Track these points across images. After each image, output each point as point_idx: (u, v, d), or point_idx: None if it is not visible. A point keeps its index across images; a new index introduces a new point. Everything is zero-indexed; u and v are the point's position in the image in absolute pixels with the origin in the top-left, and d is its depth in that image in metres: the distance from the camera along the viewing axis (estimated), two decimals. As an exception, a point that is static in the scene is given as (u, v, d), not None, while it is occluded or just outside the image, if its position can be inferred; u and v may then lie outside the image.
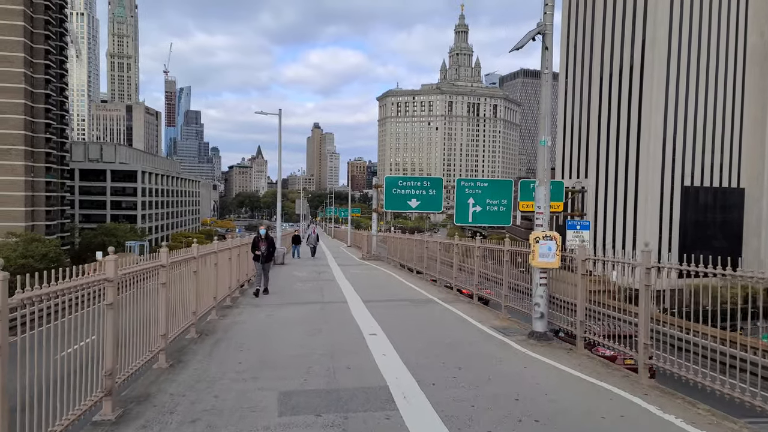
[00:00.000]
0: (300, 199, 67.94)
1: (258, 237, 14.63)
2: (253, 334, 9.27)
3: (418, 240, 21.53)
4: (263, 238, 14.43)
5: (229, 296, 12.97)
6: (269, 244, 14.51)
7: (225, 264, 12.38)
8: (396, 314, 11.38)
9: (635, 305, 6.79)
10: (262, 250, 14.21)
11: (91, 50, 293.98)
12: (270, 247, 14.49)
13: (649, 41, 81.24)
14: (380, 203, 31.32)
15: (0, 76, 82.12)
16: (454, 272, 15.14)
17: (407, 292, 15.56)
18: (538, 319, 8.76)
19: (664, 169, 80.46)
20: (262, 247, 14.25)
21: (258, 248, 14.28)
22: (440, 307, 12.38)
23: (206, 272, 10.16)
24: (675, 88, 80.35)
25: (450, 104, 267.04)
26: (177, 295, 7.90)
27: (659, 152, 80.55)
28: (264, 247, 14.26)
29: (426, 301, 13.53)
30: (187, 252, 8.84)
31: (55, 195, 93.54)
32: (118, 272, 5.30)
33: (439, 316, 11.13)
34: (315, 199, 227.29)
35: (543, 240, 8.40)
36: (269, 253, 14.46)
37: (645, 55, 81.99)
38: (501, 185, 32.96)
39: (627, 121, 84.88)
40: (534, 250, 8.45)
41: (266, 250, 14.26)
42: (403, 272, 22.55)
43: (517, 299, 10.87)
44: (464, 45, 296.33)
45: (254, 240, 14.78)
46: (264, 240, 14.42)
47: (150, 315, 6.71)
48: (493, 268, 12.56)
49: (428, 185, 31.72)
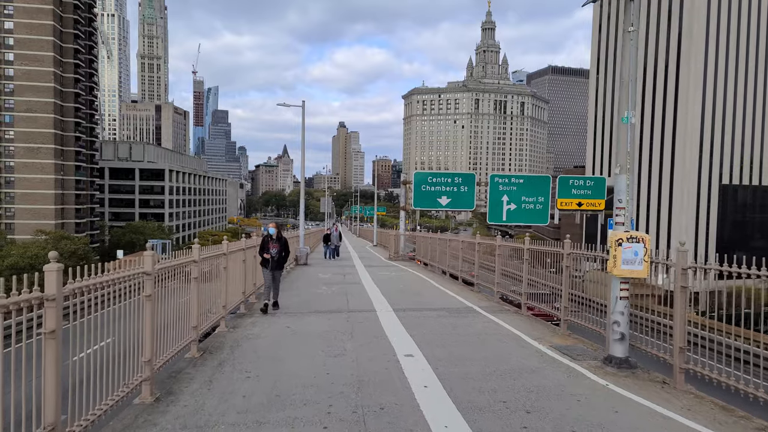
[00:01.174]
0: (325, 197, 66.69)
1: (267, 237, 11.45)
2: (265, 354, 7.71)
3: (452, 240, 19.75)
4: (273, 239, 11.38)
5: (243, 302, 11.51)
6: (282, 246, 11.43)
7: (237, 267, 10.90)
8: (433, 328, 9.69)
9: None
10: (273, 253, 11.23)
11: (122, 51, 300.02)
12: (282, 250, 11.44)
13: (685, 35, 78.06)
14: (408, 201, 29.66)
15: (30, 75, 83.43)
16: (496, 277, 13.36)
17: (442, 298, 13.85)
18: (617, 342, 6.97)
19: (701, 167, 77.53)
20: (272, 249, 11.26)
21: (267, 251, 11.30)
22: (484, 319, 10.65)
23: (209, 281, 8.68)
24: (713, 84, 77.13)
25: (476, 102, 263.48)
26: (167, 314, 6.39)
27: (696, 149, 77.37)
28: (275, 250, 11.28)
29: (466, 310, 11.81)
30: (187, 257, 7.36)
31: (84, 193, 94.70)
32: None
33: (485, 331, 9.40)
34: (340, 198, 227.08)
35: (627, 242, 6.61)
36: (281, 258, 11.44)
37: (681, 50, 78.83)
38: (538, 181, 30.86)
39: (662, 118, 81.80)
40: (615, 256, 6.67)
41: (277, 254, 11.32)
42: (435, 275, 20.85)
43: (578, 313, 9.08)
44: (491, 42, 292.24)
45: (263, 240, 11.58)
46: (275, 241, 11.38)
47: (131, 340, 5.22)
48: (546, 275, 10.77)
49: (459, 181, 29.85)
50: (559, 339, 8.82)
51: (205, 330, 8.23)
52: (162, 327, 6.29)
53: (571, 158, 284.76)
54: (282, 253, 11.48)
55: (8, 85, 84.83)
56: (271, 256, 11.23)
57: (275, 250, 11.30)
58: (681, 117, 78.73)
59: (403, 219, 30.36)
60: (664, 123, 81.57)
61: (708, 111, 77.24)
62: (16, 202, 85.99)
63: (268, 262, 11.30)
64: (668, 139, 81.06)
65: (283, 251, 11.51)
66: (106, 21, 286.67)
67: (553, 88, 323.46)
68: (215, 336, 8.91)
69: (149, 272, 5.56)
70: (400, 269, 23.13)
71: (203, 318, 8.25)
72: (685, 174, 77.10)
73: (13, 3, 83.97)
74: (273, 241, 11.37)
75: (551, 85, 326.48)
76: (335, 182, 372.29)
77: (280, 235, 11.61)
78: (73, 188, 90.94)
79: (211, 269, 9.06)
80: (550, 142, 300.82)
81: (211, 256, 8.79)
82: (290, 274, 20.36)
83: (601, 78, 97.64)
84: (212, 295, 8.93)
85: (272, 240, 11.37)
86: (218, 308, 9.36)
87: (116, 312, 4.89)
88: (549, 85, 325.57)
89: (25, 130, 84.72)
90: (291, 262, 23.00)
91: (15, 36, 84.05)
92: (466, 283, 17.39)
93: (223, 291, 9.57)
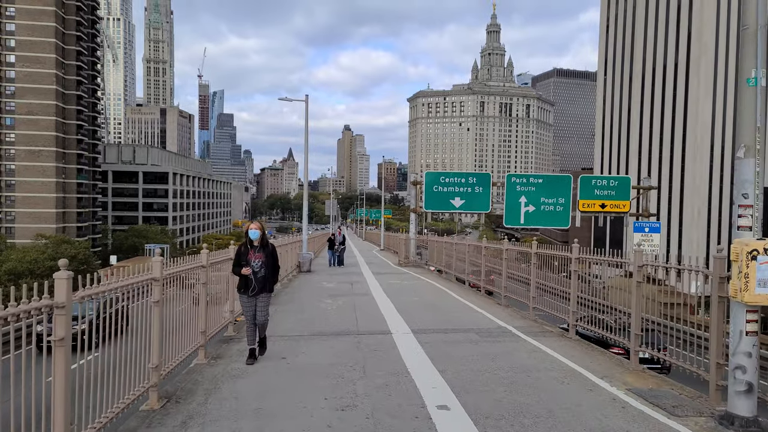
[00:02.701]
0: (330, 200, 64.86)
1: (246, 245, 7.54)
2: (248, 405, 5.73)
3: (471, 245, 17.70)
4: (255, 246, 7.51)
5: (232, 323, 9.56)
6: (268, 257, 7.57)
7: (222, 281, 8.95)
8: (466, 359, 7.70)
9: None
10: (254, 267, 7.41)
11: (127, 55, 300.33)
12: (267, 265, 7.53)
13: (695, 37, 76.58)
14: (419, 202, 27.70)
15: (31, 77, 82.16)
16: (531, 291, 11.35)
17: (468, 315, 11.84)
18: (742, 395, 4.94)
19: (712, 166, 75.63)
20: (253, 261, 7.42)
21: (247, 264, 7.43)
22: (526, 346, 8.63)
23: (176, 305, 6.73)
24: (723, 83, 75.38)
25: (482, 104, 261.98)
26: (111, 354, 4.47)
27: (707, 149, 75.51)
28: (258, 263, 7.44)
29: (499, 331, 9.79)
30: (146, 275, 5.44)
31: (86, 196, 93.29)
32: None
33: (534, 365, 7.39)
34: (345, 201, 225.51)
35: (765, 255, 4.60)
36: (267, 276, 7.54)
37: (691, 49, 77.13)
38: (557, 182, 28.78)
39: (672, 118, 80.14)
40: (747, 274, 4.65)
41: (261, 269, 7.47)
42: (451, 283, 18.85)
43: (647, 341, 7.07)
44: (496, 44, 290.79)
45: (239, 250, 7.63)
46: (258, 249, 7.50)
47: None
48: (597, 291, 8.78)
49: (474, 182, 27.85)
50: (634, 378, 6.80)
51: (170, 367, 6.28)
52: (98, 375, 4.40)
53: (577, 161, 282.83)
54: (268, 268, 7.55)
55: (9, 87, 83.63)
56: (253, 272, 7.38)
57: (258, 263, 7.45)
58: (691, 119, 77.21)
59: (413, 222, 28.35)
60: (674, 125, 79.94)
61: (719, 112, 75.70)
62: (17, 205, 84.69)
63: (248, 282, 7.45)
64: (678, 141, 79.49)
65: (270, 265, 7.58)
66: (112, 25, 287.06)
67: (558, 91, 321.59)
68: (190, 372, 6.95)
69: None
70: (412, 277, 21.13)
71: (171, 353, 6.32)
72: (695, 175, 75.43)
73: (14, 5, 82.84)
74: (255, 249, 7.50)
75: (556, 87, 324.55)
76: (340, 185, 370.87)
77: (265, 241, 7.64)
78: (74, 191, 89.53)
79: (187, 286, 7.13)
80: (556, 145, 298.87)
81: (184, 269, 6.85)
82: (291, 283, 18.42)
83: (609, 79, 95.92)
84: (185, 320, 6.99)
85: (253, 248, 7.50)
86: (195, 335, 7.42)
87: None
88: (554, 87, 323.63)
89: (26, 132, 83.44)
90: (293, 270, 21.05)
91: (16, 38, 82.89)
92: (488, 293, 15.41)
93: (202, 313, 7.63)
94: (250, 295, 7.52)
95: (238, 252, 7.66)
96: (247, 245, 7.57)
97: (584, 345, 8.73)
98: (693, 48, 77.24)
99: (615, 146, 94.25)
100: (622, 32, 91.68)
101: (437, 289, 17.03)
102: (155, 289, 5.64)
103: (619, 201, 28.39)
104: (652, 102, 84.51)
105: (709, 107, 75.62)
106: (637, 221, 28.65)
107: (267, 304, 7.72)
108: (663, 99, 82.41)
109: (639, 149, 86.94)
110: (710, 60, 75.62)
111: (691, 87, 77.16)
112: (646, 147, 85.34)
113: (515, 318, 11.30)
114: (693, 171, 76.03)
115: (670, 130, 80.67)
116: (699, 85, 75.87)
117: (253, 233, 7.56)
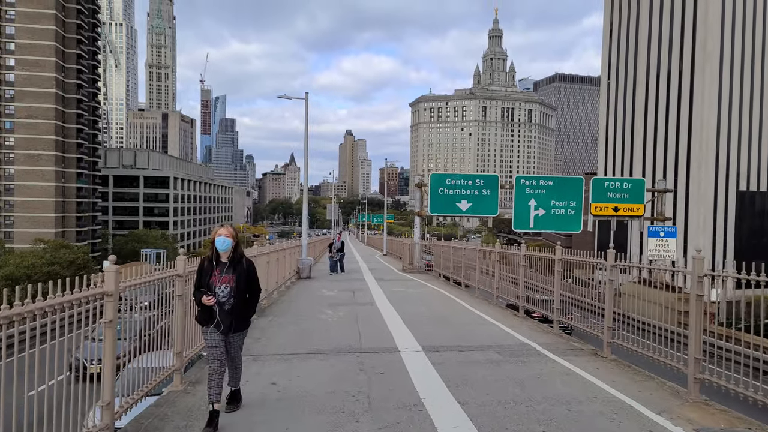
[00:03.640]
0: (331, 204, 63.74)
1: (209, 258, 5.27)
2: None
3: (483, 250, 16.48)
4: (225, 264, 5.24)
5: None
6: (240, 277, 5.23)
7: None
8: (490, 386, 6.51)
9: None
10: (219, 295, 5.15)
11: (130, 60, 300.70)
12: (238, 293, 5.21)
13: (699, 41, 75.93)
14: (424, 206, 26.54)
15: (31, 81, 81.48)
16: (555, 302, 10.13)
17: (483, 328, 10.65)
18: None
19: (718, 173, 74.66)
20: (218, 287, 5.15)
21: (209, 289, 5.15)
22: (557, 368, 7.43)
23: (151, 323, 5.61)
24: (728, 89, 74.59)
25: (484, 109, 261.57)
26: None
27: (712, 155, 74.65)
28: (226, 290, 5.16)
29: (522, 349, 8.59)
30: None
31: (86, 201, 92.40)
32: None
33: (572, 395, 6.19)
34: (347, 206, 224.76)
35: None
36: (240, 305, 5.27)
37: (696, 56, 76.54)
38: (569, 184, 27.55)
39: (676, 124, 79.29)
40: None
41: (232, 300, 5.20)
42: (460, 291, 17.66)
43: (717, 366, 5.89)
44: (498, 49, 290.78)
45: (200, 265, 5.33)
46: (226, 268, 5.23)
47: None
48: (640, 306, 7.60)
49: (481, 184, 26.64)
50: (699, 413, 5.59)
51: (130, 404, 5.10)
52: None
53: (579, 166, 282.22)
54: (239, 296, 5.21)
55: (9, 91, 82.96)
56: (218, 302, 5.11)
57: (225, 289, 5.12)
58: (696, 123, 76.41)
59: (418, 226, 27.17)
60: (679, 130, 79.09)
61: (724, 117, 75.08)
62: (16, 210, 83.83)
63: (212, 314, 5.14)
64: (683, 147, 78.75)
65: (242, 290, 5.21)
66: (115, 30, 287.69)
67: (560, 96, 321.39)
68: (158, 404, 5.76)
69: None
70: (418, 284, 19.93)
71: (132, 385, 5.14)
72: (701, 181, 74.57)
73: (14, 8, 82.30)
74: (222, 267, 5.18)
75: (558, 92, 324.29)
76: (342, 190, 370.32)
77: (238, 256, 5.26)
78: (74, 196, 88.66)
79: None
80: (558, 150, 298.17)
81: (153, 280, 5.70)
82: (290, 290, 17.26)
83: (613, 83, 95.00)
84: (155, 341, 5.83)
85: (220, 265, 5.19)
86: (167, 358, 6.25)
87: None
88: (556, 92, 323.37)
89: (25, 136, 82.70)
90: (292, 276, 19.87)
91: (16, 41, 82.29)
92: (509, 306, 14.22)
93: (179, 332, 6.45)
94: (217, 329, 5.15)
95: (200, 268, 5.25)
96: (212, 260, 5.18)
97: (624, 367, 7.54)
98: (698, 52, 76.53)
99: (619, 151, 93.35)
100: (626, 36, 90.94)
101: (446, 297, 15.84)
102: (108, 307, 4.62)
103: (633, 204, 27.21)
104: (657, 107, 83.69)
105: (714, 113, 74.90)
106: (651, 225, 27.42)
107: (240, 345, 5.44)
108: (667, 104, 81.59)
109: (643, 154, 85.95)
110: (716, 65, 75.01)
111: (696, 92, 76.37)
112: (651, 152, 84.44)
113: (537, 332, 10.10)
114: (698, 177, 75.15)
115: (675, 135, 79.95)
116: (704, 90, 75.09)
117: (221, 242, 5.11)
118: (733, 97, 75.35)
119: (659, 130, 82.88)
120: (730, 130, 75.39)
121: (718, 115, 75.29)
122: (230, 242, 5.23)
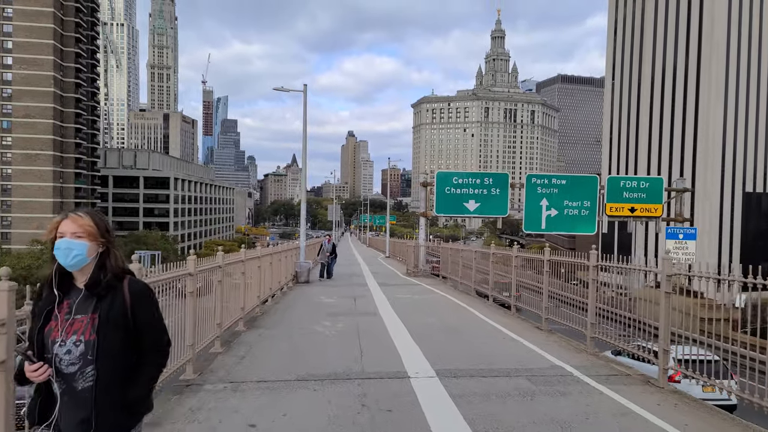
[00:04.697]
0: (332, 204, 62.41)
1: (50, 285, 2.32)
2: None
3: (496, 254, 15.04)
4: (79, 293, 2.32)
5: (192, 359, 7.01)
6: (110, 324, 2.28)
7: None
8: (527, 431, 5.11)
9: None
10: (61, 361, 2.24)
11: (131, 60, 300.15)
12: (104, 353, 2.24)
13: (705, 41, 74.63)
14: (430, 206, 25.16)
15: (28, 80, 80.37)
16: (589, 316, 8.74)
17: (505, 346, 9.26)
18: None
19: (724, 174, 73.33)
20: (58, 345, 2.25)
21: (35, 351, 2.28)
22: (607, 403, 6.03)
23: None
24: (735, 91, 73.25)
25: (486, 110, 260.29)
26: None
27: (718, 157, 73.33)
28: (76, 350, 2.24)
29: (556, 375, 7.19)
30: None
31: (85, 201, 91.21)
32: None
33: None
34: (349, 207, 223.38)
35: None
36: (109, 381, 2.26)
37: (701, 55, 75.22)
38: (583, 182, 26.11)
39: (682, 125, 77.96)
40: None
41: (91, 366, 2.24)
42: (470, 297, 16.27)
43: None
44: (501, 50, 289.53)
45: (36, 301, 2.41)
46: (78, 303, 2.30)
47: None
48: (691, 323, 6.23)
49: (490, 183, 25.24)
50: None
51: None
52: None
53: (582, 167, 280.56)
54: (112, 361, 2.28)
55: (6, 90, 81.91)
56: (58, 375, 2.25)
57: (74, 347, 2.26)
58: (702, 124, 75.18)
59: (423, 227, 25.80)
60: (684, 130, 77.79)
61: (730, 118, 73.82)
62: (13, 210, 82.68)
63: (48, 400, 2.28)
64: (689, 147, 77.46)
65: (117, 348, 2.30)
66: (116, 30, 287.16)
67: (563, 97, 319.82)
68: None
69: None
70: (424, 289, 18.55)
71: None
72: (707, 182, 73.33)
73: (12, 5, 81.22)
74: (72, 300, 2.33)
75: (561, 93, 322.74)
76: (344, 191, 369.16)
77: (110, 274, 2.36)
78: (72, 196, 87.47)
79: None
80: (561, 151, 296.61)
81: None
82: (285, 297, 15.89)
83: (617, 83, 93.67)
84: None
85: (68, 296, 2.34)
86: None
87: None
88: (558, 93, 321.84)
89: (23, 136, 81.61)
90: (288, 281, 18.47)
91: (14, 39, 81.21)
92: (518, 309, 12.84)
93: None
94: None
95: (34, 307, 2.43)
96: (53, 286, 2.32)
97: (689, 401, 6.14)
98: (704, 51, 75.27)
99: (623, 152, 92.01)
100: (630, 35, 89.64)
101: (456, 305, 14.45)
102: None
103: (650, 204, 25.79)
104: (662, 107, 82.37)
105: (720, 112, 73.62)
106: (669, 227, 25.99)
107: None
108: (673, 104, 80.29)
109: (648, 155, 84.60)
110: (722, 64, 73.77)
111: (702, 91, 75.13)
112: (656, 153, 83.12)
113: (568, 351, 8.70)
114: (704, 177, 73.85)
115: (680, 135, 78.67)
116: (710, 90, 73.85)
117: (65, 252, 2.28)
118: (739, 99, 74.30)
119: (664, 130, 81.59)
120: (736, 132, 74.32)
121: (724, 116, 74.17)
122: (84, 248, 2.31)
